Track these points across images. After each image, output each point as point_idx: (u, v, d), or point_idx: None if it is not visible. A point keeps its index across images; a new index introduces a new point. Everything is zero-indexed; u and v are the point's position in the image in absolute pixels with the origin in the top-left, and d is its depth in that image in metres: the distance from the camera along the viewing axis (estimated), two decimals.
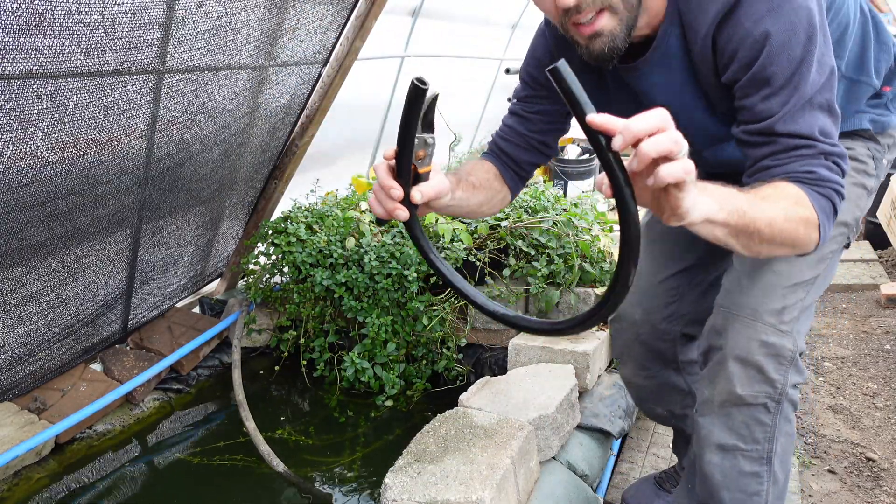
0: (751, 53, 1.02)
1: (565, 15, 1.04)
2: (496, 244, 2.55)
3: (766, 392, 1.16)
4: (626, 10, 1.04)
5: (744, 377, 1.16)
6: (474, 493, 1.32)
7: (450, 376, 2.51)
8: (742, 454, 1.18)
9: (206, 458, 2.12)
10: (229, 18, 1.92)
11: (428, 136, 1.00)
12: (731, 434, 1.18)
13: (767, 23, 1.01)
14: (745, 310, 1.19)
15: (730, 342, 1.17)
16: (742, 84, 1.05)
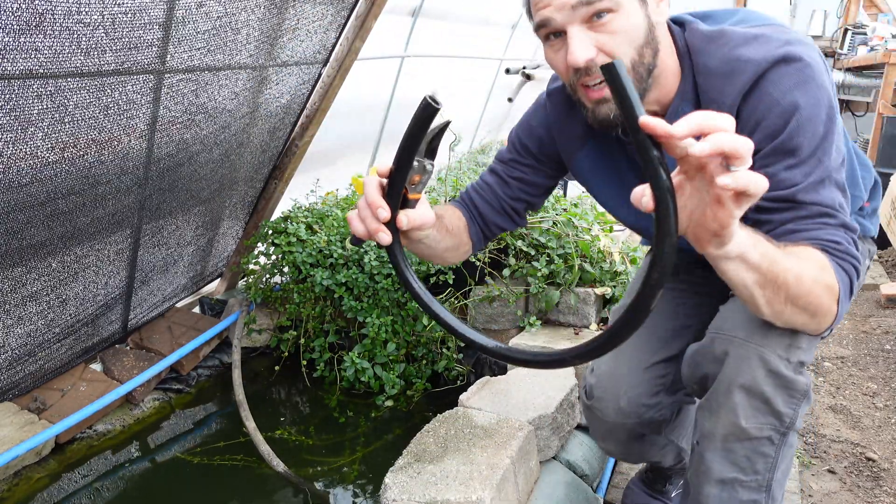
0: (778, 122, 1.02)
1: (575, 74, 1.05)
2: (496, 244, 2.55)
3: (771, 424, 1.08)
4: (635, 81, 1.05)
5: (748, 408, 1.07)
6: (474, 493, 1.32)
7: (450, 376, 2.51)
8: (741, 485, 1.13)
9: (206, 458, 2.12)
10: (229, 18, 1.92)
11: (428, 161, 0.95)
12: (731, 468, 1.12)
13: (796, 94, 1.01)
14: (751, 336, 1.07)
15: (732, 370, 1.07)
16: (765, 152, 1.04)
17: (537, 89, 6.47)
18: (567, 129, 1.29)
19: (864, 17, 6.96)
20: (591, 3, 0.99)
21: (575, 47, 1.01)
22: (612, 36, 1.02)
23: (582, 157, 1.29)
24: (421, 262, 2.45)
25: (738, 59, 1.05)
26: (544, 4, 1.02)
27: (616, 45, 1.02)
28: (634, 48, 1.03)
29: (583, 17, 1.00)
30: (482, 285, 2.51)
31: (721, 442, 1.11)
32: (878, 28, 6.21)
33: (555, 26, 1.03)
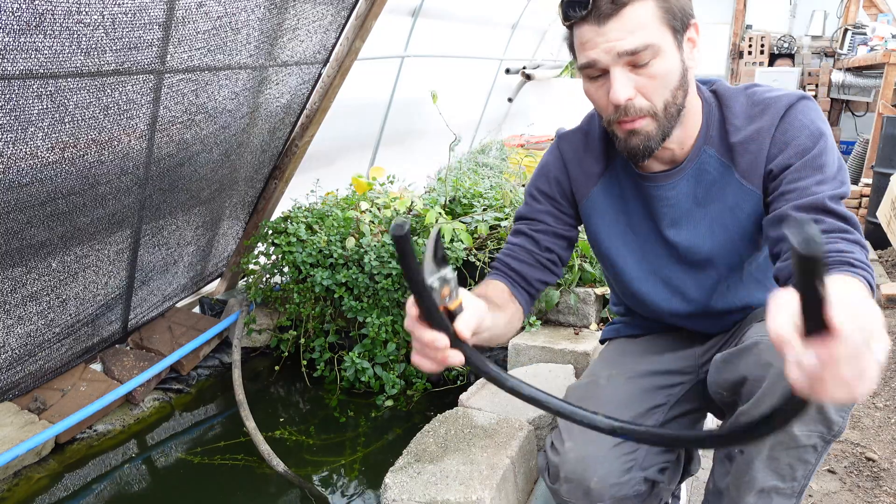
0: (807, 143, 1.15)
1: (615, 111, 1.14)
2: (496, 244, 2.55)
3: (820, 433, 1.06)
4: (665, 119, 1.15)
5: (802, 416, 1.05)
6: (474, 493, 1.32)
7: (450, 376, 2.51)
8: (777, 492, 1.12)
9: (206, 458, 2.12)
10: (229, 18, 1.92)
11: (443, 272, 0.94)
12: (773, 476, 1.11)
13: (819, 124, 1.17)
14: None
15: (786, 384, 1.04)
16: (797, 167, 1.14)
17: (537, 89, 6.47)
18: (583, 166, 1.35)
19: (864, 17, 6.96)
20: (636, 53, 1.08)
21: (617, 87, 1.10)
22: (650, 80, 1.11)
23: (596, 193, 1.35)
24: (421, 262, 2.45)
25: (769, 98, 1.21)
26: (591, 46, 1.10)
27: (654, 89, 1.12)
28: (670, 90, 1.13)
29: (627, 61, 1.09)
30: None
31: (769, 450, 1.09)
32: (878, 28, 6.21)
33: (600, 67, 1.11)
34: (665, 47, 1.10)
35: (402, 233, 0.80)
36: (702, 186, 1.25)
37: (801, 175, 1.13)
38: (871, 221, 4.28)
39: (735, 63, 7.46)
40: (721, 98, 1.26)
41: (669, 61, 1.11)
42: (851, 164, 5.58)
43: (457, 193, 2.95)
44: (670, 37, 1.11)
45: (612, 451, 1.23)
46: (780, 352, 0.65)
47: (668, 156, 1.25)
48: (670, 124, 1.16)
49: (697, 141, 1.24)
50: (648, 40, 1.07)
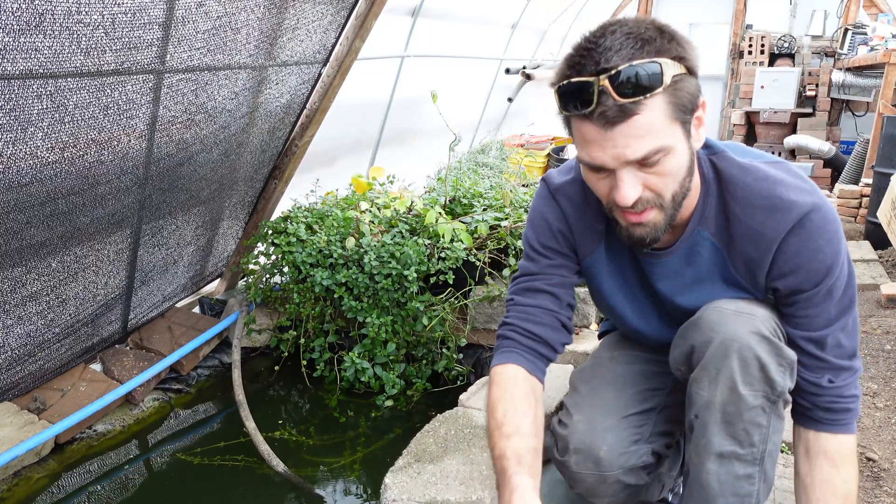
0: (820, 268, 1.11)
1: (616, 203, 1.05)
2: (496, 244, 2.55)
3: (764, 392, 1.11)
4: (672, 208, 1.08)
5: (745, 373, 1.09)
6: (474, 493, 1.32)
7: (450, 376, 2.51)
8: (737, 458, 1.15)
9: (206, 458, 2.12)
10: (229, 18, 1.92)
11: None
12: (730, 441, 1.14)
13: (834, 243, 1.11)
14: (742, 308, 1.13)
15: (728, 334, 1.10)
16: (808, 295, 1.14)
17: (537, 89, 6.47)
18: (585, 223, 1.28)
19: (865, 17, 6.96)
20: (646, 159, 1.00)
21: (626, 191, 1.02)
22: (660, 177, 1.03)
23: (600, 251, 1.30)
24: (421, 261, 2.45)
25: (781, 197, 1.11)
26: (596, 149, 1.00)
27: (663, 185, 1.04)
28: (678, 183, 1.06)
29: (637, 164, 1.01)
30: (482, 285, 2.52)
31: (720, 412, 1.13)
32: (878, 28, 6.21)
33: (606, 168, 1.03)
34: (675, 144, 1.01)
35: None
36: (692, 267, 1.22)
37: (812, 303, 1.13)
38: (871, 221, 4.28)
39: (735, 63, 7.46)
40: (722, 178, 1.17)
41: (679, 157, 1.03)
42: (852, 164, 5.58)
43: (457, 193, 2.95)
44: (680, 131, 1.02)
45: (620, 423, 1.28)
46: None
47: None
48: (676, 212, 1.10)
49: (692, 220, 1.18)
50: (659, 144, 0.99)
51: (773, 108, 6.58)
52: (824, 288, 1.13)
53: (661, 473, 1.41)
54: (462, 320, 2.55)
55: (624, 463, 1.26)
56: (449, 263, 2.44)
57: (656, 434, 1.33)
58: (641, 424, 1.31)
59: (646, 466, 1.29)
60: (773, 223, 1.11)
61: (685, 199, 1.10)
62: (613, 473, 1.26)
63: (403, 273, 2.42)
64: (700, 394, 1.15)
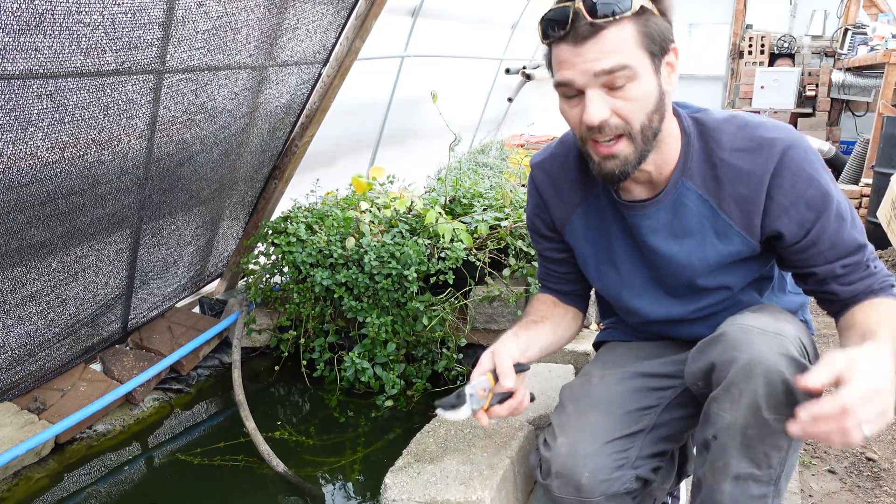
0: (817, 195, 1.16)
1: (588, 130, 1.13)
2: (496, 244, 2.55)
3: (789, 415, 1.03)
4: (641, 142, 1.14)
5: (771, 397, 1.05)
6: (474, 493, 1.32)
7: (450, 376, 2.51)
8: (754, 479, 1.11)
9: (206, 459, 2.12)
10: (229, 18, 1.92)
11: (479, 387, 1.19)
12: (748, 462, 1.10)
13: (823, 174, 1.18)
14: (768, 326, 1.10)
15: (754, 354, 1.05)
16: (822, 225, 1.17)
17: (537, 89, 6.47)
18: (560, 195, 1.38)
19: (864, 17, 6.96)
20: (612, 73, 1.07)
21: (592, 109, 1.09)
22: (626, 102, 1.10)
23: (575, 220, 1.38)
24: (421, 261, 2.45)
25: (764, 136, 1.17)
26: (568, 66, 1.10)
27: (630, 111, 1.11)
28: (646, 113, 1.12)
29: (603, 82, 1.08)
30: (482, 285, 2.52)
31: (741, 435, 1.08)
32: (878, 28, 6.22)
33: (575, 88, 1.11)
34: (642, 71, 1.09)
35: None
36: (679, 220, 1.24)
37: (830, 231, 1.17)
38: (872, 221, 4.28)
39: (735, 63, 7.46)
40: (704, 128, 1.22)
41: (646, 85, 1.10)
42: (851, 164, 5.58)
43: (457, 193, 2.95)
44: (648, 61, 1.10)
45: (603, 448, 1.24)
46: None
47: (644, 178, 1.24)
48: (646, 147, 1.15)
49: (675, 171, 1.22)
50: (625, 61, 1.07)
51: (773, 108, 6.59)
52: (832, 213, 1.16)
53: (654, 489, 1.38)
54: (462, 320, 2.55)
55: (606, 490, 1.22)
56: (449, 263, 2.44)
57: (644, 457, 1.28)
58: (627, 448, 1.26)
59: (630, 492, 1.25)
60: (761, 160, 1.16)
61: (656, 138, 1.16)
62: (595, 500, 1.22)
63: (403, 273, 2.42)
64: (721, 415, 1.10)
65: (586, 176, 1.34)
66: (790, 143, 1.16)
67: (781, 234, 1.19)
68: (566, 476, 1.23)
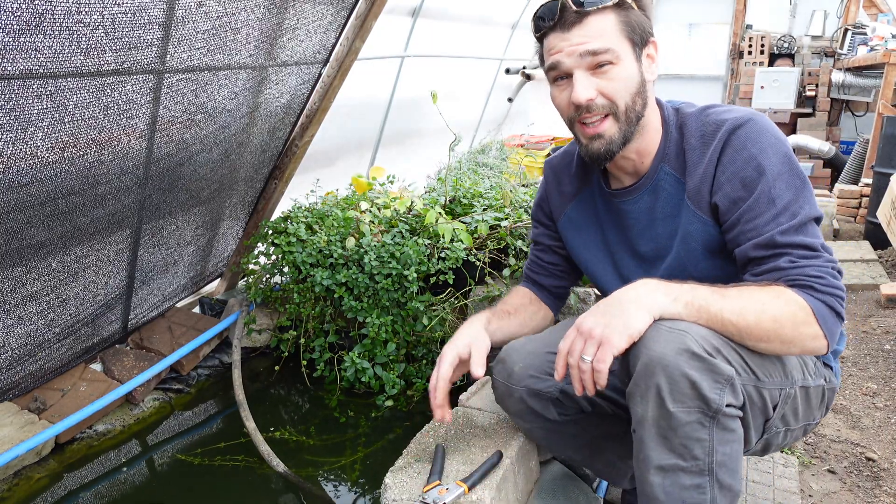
0: (754, 175, 1.19)
1: (576, 111, 1.24)
2: (496, 244, 2.55)
3: (699, 407, 1.07)
4: (626, 123, 1.25)
5: (674, 391, 1.06)
6: (474, 493, 1.32)
7: None
8: (682, 470, 1.10)
9: (206, 459, 2.12)
10: (229, 18, 1.92)
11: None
12: (670, 454, 1.10)
13: (767, 149, 1.20)
14: (676, 325, 1.10)
15: (656, 351, 1.07)
16: (749, 204, 1.20)
17: (537, 89, 6.48)
18: (560, 187, 1.50)
19: (864, 17, 6.96)
20: (596, 54, 1.19)
21: (579, 87, 1.20)
22: (611, 82, 1.21)
23: (570, 211, 1.49)
24: (421, 262, 2.45)
25: (721, 118, 1.26)
26: (556, 50, 1.22)
27: (614, 90, 1.22)
28: (629, 94, 1.23)
29: (588, 64, 1.20)
30: (482, 285, 2.51)
31: (654, 427, 1.10)
32: (878, 28, 6.22)
33: (563, 70, 1.22)
34: (623, 55, 1.21)
35: None
36: (659, 202, 1.33)
37: (754, 213, 1.19)
38: (871, 221, 4.28)
39: (735, 63, 7.46)
40: (681, 117, 1.32)
41: (628, 68, 1.22)
42: (851, 164, 5.58)
43: (457, 193, 2.95)
44: (629, 47, 1.22)
45: (544, 354, 1.40)
46: None
47: (630, 167, 1.34)
48: (630, 129, 1.25)
49: (656, 157, 1.32)
50: (607, 45, 1.19)
51: (772, 108, 6.58)
52: (763, 194, 1.18)
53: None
54: (462, 320, 2.55)
55: (530, 384, 1.38)
56: (449, 263, 2.44)
57: None
58: None
59: (553, 399, 1.38)
60: (714, 140, 1.24)
61: (639, 122, 1.26)
62: (518, 389, 1.39)
63: (403, 273, 2.42)
64: (634, 409, 1.13)
65: (584, 171, 1.46)
66: (740, 122, 1.22)
67: (718, 209, 1.24)
68: (505, 363, 1.43)
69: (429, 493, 1.30)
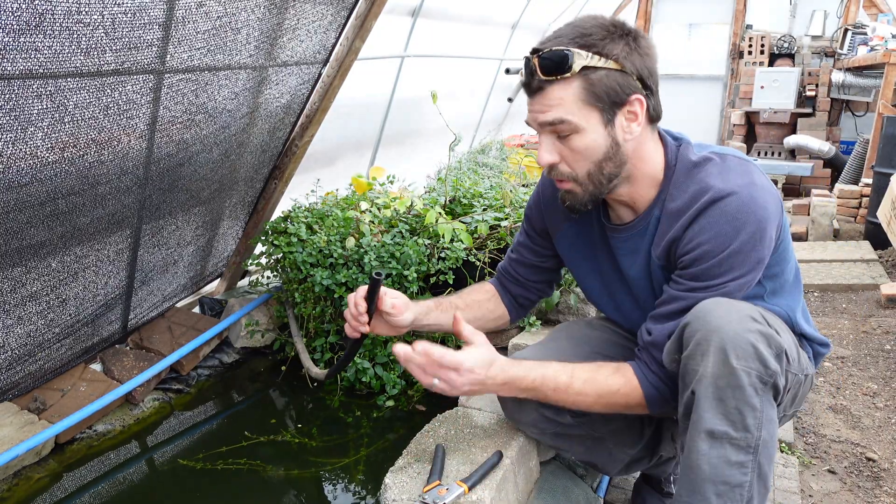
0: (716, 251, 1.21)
1: (546, 168, 1.29)
2: (496, 244, 2.55)
3: (757, 370, 1.10)
4: (592, 186, 1.27)
5: (738, 350, 1.10)
6: (474, 493, 1.32)
7: None
8: (731, 442, 1.11)
9: (205, 459, 2.12)
10: (229, 18, 1.92)
11: None
12: (723, 420, 1.11)
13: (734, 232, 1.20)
14: (733, 301, 1.18)
15: (721, 325, 1.12)
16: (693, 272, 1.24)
17: None
18: (553, 207, 1.49)
19: (864, 17, 6.96)
20: (553, 125, 1.22)
21: (541, 152, 1.25)
22: (571, 151, 1.24)
23: (568, 227, 1.50)
24: (422, 262, 2.45)
25: (705, 181, 1.23)
26: (528, 113, 1.26)
27: (574, 160, 1.24)
28: (592, 162, 1.24)
29: (550, 130, 1.23)
30: None
31: (713, 386, 1.11)
32: (878, 28, 6.22)
33: (535, 129, 1.27)
34: (584, 125, 1.20)
35: (380, 278, 1.35)
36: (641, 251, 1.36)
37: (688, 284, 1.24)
38: (872, 221, 4.28)
39: (735, 63, 7.46)
40: (677, 173, 1.30)
41: (590, 138, 1.21)
42: (851, 164, 5.58)
43: (457, 193, 2.95)
44: (595, 115, 1.20)
45: None
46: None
47: (625, 205, 1.35)
48: (598, 190, 1.27)
49: (655, 200, 1.31)
50: (564, 116, 1.19)
51: (772, 108, 6.59)
52: (708, 276, 1.21)
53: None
54: None
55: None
56: (449, 263, 2.44)
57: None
58: None
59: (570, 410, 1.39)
60: (692, 202, 1.23)
61: (614, 181, 1.27)
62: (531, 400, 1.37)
63: (403, 273, 2.42)
64: (693, 368, 1.14)
65: None
66: (724, 194, 1.19)
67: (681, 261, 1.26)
68: None
69: (429, 493, 1.30)
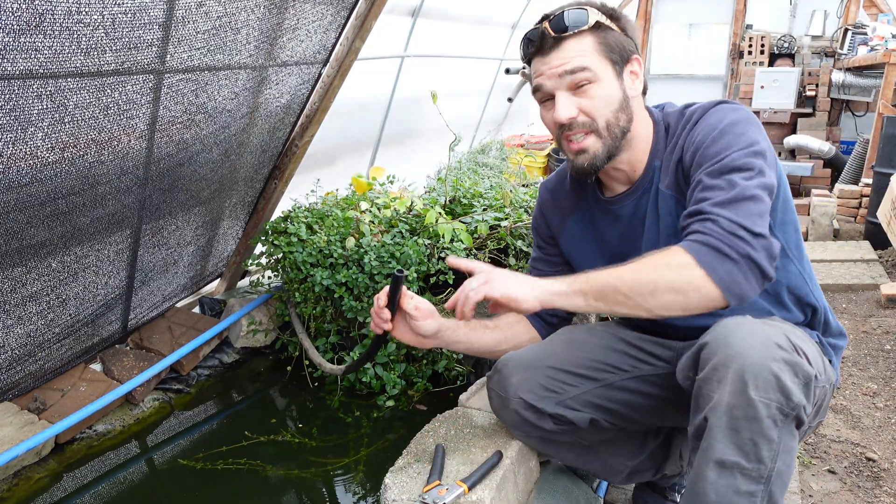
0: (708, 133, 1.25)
1: (560, 129, 1.31)
2: (496, 244, 2.55)
3: (778, 402, 1.04)
4: (609, 139, 1.30)
5: (758, 381, 1.04)
6: (474, 493, 1.32)
7: (450, 376, 2.51)
8: (742, 471, 1.06)
9: (205, 459, 2.12)
10: (229, 18, 1.92)
11: None
12: (735, 450, 1.06)
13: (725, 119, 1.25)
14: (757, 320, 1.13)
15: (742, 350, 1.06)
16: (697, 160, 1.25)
17: None
18: (558, 204, 1.53)
19: (864, 17, 6.96)
20: (573, 73, 1.26)
21: (559, 107, 1.27)
22: (591, 100, 1.27)
23: (571, 223, 1.51)
24: (422, 262, 2.45)
25: (690, 109, 1.33)
26: (539, 73, 1.30)
27: (594, 108, 1.27)
28: (610, 111, 1.28)
29: (568, 84, 1.27)
30: None
31: (727, 416, 1.06)
32: (878, 28, 6.21)
33: (547, 91, 1.30)
34: (602, 74, 1.26)
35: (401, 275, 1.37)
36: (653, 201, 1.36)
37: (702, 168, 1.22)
38: (872, 221, 4.28)
39: (735, 63, 7.46)
40: (666, 116, 1.38)
41: (607, 86, 1.27)
42: (852, 164, 5.58)
43: (457, 193, 2.95)
44: (609, 66, 1.27)
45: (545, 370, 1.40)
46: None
47: (622, 177, 1.38)
48: (615, 144, 1.30)
49: (648, 163, 1.36)
50: (584, 63, 1.25)
51: (772, 108, 6.58)
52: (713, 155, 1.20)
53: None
54: None
55: (526, 398, 1.38)
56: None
57: (582, 402, 1.39)
58: (567, 383, 1.39)
59: (553, 416, 1.37)
60: (686, 126, 1.30)
61: (625, 136, 1.30)
62: (514, 401, 1.38)
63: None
64: (708, 394, 1.09)
65: (578, 185, 1.50)
66: (712, 105, 1.29)
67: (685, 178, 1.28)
68: (501, 374, 1.43)
69: (429, 493, 1.30)
